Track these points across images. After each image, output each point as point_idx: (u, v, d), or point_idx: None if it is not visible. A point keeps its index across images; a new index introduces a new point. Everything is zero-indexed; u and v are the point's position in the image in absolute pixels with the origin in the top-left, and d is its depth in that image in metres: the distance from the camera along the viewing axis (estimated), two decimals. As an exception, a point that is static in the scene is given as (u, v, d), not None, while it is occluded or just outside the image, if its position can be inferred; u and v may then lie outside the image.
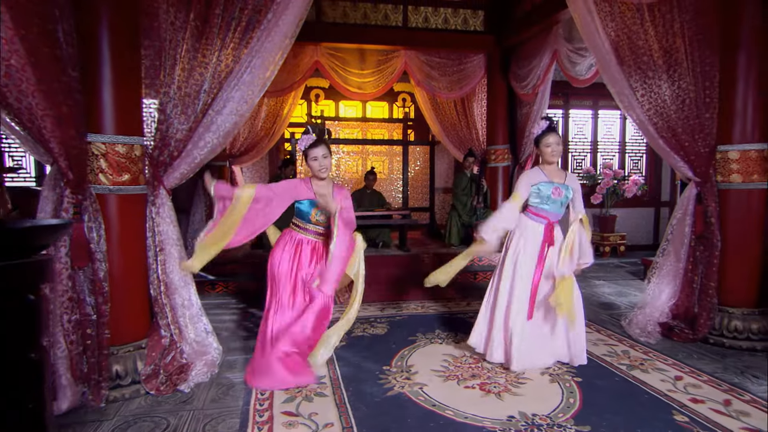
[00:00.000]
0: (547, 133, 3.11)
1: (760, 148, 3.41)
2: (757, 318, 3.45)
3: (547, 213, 3.10)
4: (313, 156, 2.85)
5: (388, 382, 2.89)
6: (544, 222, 3.10)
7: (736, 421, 2.41)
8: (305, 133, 2.89)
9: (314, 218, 2.94)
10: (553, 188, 3.08)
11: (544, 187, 3.08)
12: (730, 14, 3.43)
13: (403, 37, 6.76)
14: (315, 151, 2.84)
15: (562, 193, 3.10)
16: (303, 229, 2.98)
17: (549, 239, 3.07)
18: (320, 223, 2.97)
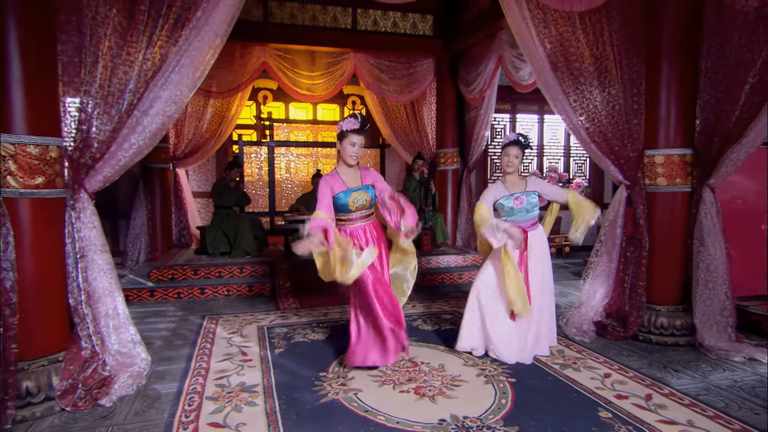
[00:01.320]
0: (512, 145, 3.26)
1: (682, 153, 3.58)
2: (681, 315, 3.62)
3: (517, 222, 3.24)
4: (352, 141, 2.99)
5: (322, 388, 2.84)
6: None
7: (654, 415, 2.50)
8: (352, 117, 3.02)
9: (354, 206, 3.05)
10: (514, 199, 3.24)
11: (505, 202, 3.24)
12: (654, 26, 3.59)
13: (352, 39, 6.75)
14: (355, 137, 2.99)
15: (524, 201, 3.26)
16: (350, 221, 3.08)
17: (524, 245, 3.19)
18: (362, 207, 3.08)
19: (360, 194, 3.04)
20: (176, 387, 2.84)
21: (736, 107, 3.32)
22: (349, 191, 3.02)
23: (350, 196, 3.03)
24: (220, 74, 6.52)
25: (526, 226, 3.26)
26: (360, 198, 3.05)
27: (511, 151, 3.25)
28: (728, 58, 3.36)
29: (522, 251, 3.20)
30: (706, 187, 3.53)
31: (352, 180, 3.07)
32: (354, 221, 3.10)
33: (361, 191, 3.05)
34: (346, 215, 3.09)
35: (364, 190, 3.07)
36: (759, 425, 2.39)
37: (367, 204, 3.10)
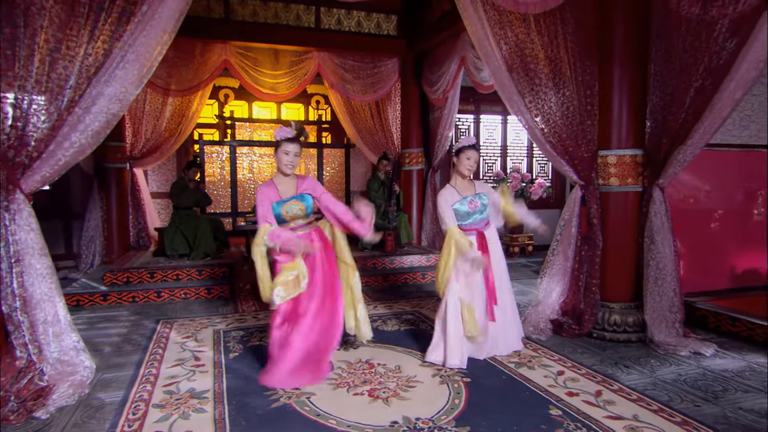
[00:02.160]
0: (471, 149, 3.27)
1: (633, 154, 3.66)
2: (633, 311, 3.71)
3: (473, 225, 3.27)
4: (286, 150, 2.92)
5: (275, 393, 2.78)
6: (474, 234, 3.26)
7: (602, 411, 2.54)
8: (286, 125, 2.97)
9: (287, 215, 2.96)
10: (468, 202, 3.25)
11: (461, 206, 3.24)
12: (606, 29, 3.66)
13: (315, 38, 6.69)
14: (290, 146, 2.92)
15: (478, 203, 3.27)
16: (291, 230, 2.97)
17: (483, 247, 3.22)
18: (297, 216, 3.00)
19: (293, 204, 2.96)
20: (122, 395, 2.73)
21: (682, 110, 3.42)
22: (282, 202, 2.95)
23: (282, 206, 2.95)
24: (180, 72, 6.36)
25: (481, 228, 3.28)
26: (294, 207, 2.97)
27: (472, 155, 3.25)
28: (674, 63, 3.46)
29: (484, 252, 3.21)
30: (655, 186, 3.62)
31: (287, 190, 2.99)
32: (294, 230, 3.00)
33: (294, 201, 2.97)
34: (284, 225, 2.99)
35: (297, 199, 2.98)
36: (698, 417, 2.46)
37: (302, 213, 3.01)
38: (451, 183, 3.36)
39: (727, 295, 4.44)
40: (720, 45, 3.21)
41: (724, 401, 2.66)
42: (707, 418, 2.47)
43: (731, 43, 3.14)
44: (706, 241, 4.81)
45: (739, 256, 4.84)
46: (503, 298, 3.34)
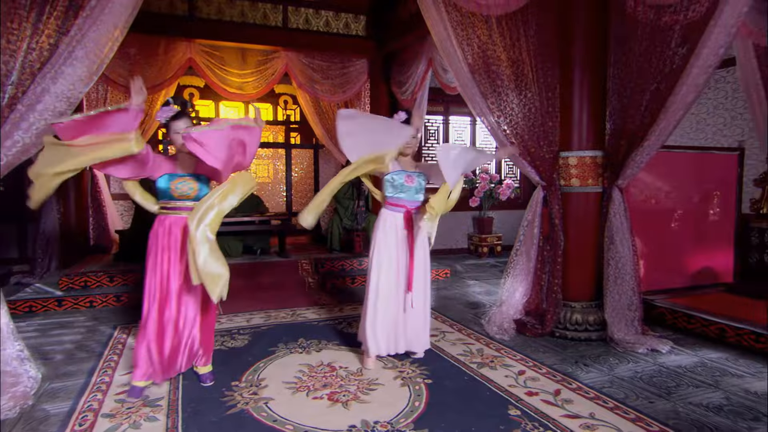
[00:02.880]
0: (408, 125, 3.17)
1: (593, 155, 3.72)
2: (594, 310, 3.77)
3: (404, 201, 3.19)
4: (176, 129, 2.70)
5: (232, 399, 2.71)
6: (402, 210, 3.19)
7: (560, 410, 2.56)
8: (165, 105, 2.71)
9: (176, 192, 2.76)
10: (406, 176, 3.17)
11: (398, 176, 3.15)
12: (566, 32, 3.72)
13: (283, 37, 6.61)
14: (178, 124, 2.70)
15: (415, 180, 3.20)
16: (173, 209, 2.78)
17: (409, 226, 3.15)
18: (186, 197, 2.77)
19: (186, 181, 2.76)
20: (69, 405, 2.61)
21: (638, 112, 3.50)
22: (174, 175, 2.74)
23: (172, 180, 2.73)
24: (143, 70, 6.18)
25: (412, 207, 3.20)
26: (184, 185, 2.75)
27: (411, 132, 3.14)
28: (631, 66, 3.53)
29: (409, 233, 3.14)
30: (615, 187, 3.69)
31: (184, 166, 2.79)
32: (176, 210, 2.78)
33: (187, 178, 2.76)
34: (168, 202, 2.78)
35: (192, 177, 2.78)
36: (651, 413, 2.51)
37: (191, 194, 2.77)
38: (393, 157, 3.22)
39: (685, 292, 4.56)
40: (673, 50, 3.29)
41: (676, 397, 2.72)
42: (659, 414, 2.52)
43: (683, 49, 3.22)
44: (666, 241, 4.93)
45: (697, 255, 4.98)
46: (419, 289, 3.19)
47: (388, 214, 3.20)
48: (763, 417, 2.49)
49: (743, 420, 2.46)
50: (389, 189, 3.18)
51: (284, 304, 4.73)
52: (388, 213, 3.21)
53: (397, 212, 3.19)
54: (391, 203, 3.20)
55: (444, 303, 4.90)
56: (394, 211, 3.19)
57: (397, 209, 3.19)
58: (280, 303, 4.77)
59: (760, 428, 2.39)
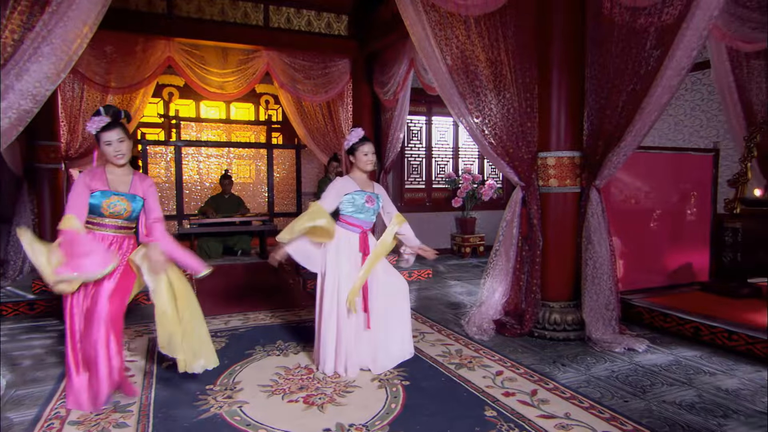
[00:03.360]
0: (364, 142, 3.14)
1: (571, 155, 3.74)
2: (572, 310, 3.79)
3: (361, 222, 3.13)
4: (107, 140, 2.56)
5: (206, 402, 2.66)
6: (358, 231, 3.12)
7: (536, 410, 2.56)
8: (95, 115, 2.58)
9: (107, 211, 2.63)
10: (367, 196, 3.13)
11: (359, 196, 3.10)
12: (545, 33, 3.73)
13: (264, 37, 6.55)
14: (109, 135, 2.56)
15: (375, 202, 3.17)
16: (99, 226, 2.66)
17: (364, 247, 3.10)
18: (118, 216, 2.65)
19: (119, 200, 2.62)
20: (35, 413, 2.54)
21: (615, 113, 3.52)
22: (107, 193, 2.60)
23: (106, 198, 2.60)
24: (120, 68, 6.10)
25: (368, 228, 3.15)
26: (118, 205, 2.62)
27: (367, 147, 3.10)
28: (608, 67, 3.56)
29: (366, 253, 3.08)
30: (592, 187, 3.71)
31: (118, 183, 2.63)
32: (104, 227, 2.65)
33: (122, 197, 2.63)
34: (97, 218, 2.64)
35: (128, 198, 2.65)
36: (625, 412, 2.52)
37: (125, 214, 2.66)
38: (349, 175, 3.19)
39: (663, 292, 4.61)
40: (648, 52, 3.32)
41: (650, 395, 2.74)
42: (634, 412, 2.53)
43: (657, 51, 3.25)
44: (645, 240, 4.99)
45: (675, 254, 5.04)
46: (384, 305, 3.12)
47: (343, 232, 3.10)
48: (733, 414, 2.52)
49: (714, 417, 2.49)
50: (348, 207, 3.11)
51: (264, 306, 4.68)
52: (342, 231, 3.10)
53: (352, 231, 3.11)
54: (347, 221, 3.12)
55: (425, 303, 4.89)
56: (348, 230, 3.11)
57: (353, 228, 3.11)
58: (259, 305, 4.72)
59: (729, 425, 2.41)
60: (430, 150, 8.02)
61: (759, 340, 3.26)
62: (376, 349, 3.09)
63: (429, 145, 8.01)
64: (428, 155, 8.02)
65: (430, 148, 8.02)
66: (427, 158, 8.00)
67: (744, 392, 2.78)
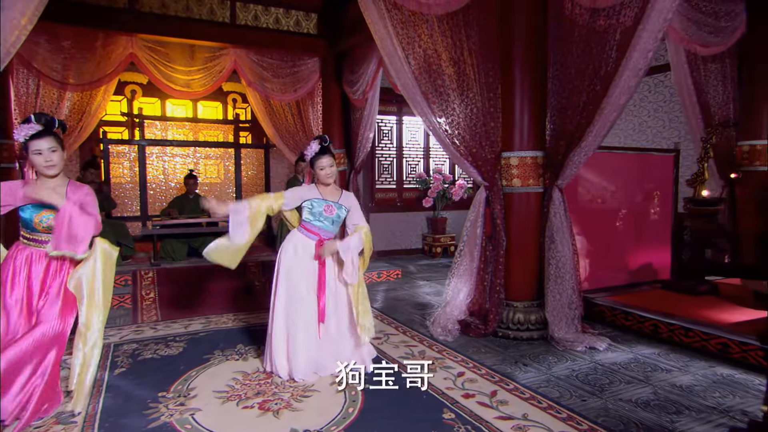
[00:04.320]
0: (321, 155, 3.05)
1: (534, 155, 3.76)
2: (535, 309, 3.80)
3: (319, 230, 3.08)
4: (37, 149, 2.40)
5: (156, 411, 2.57)
6: (315, 238, 3.07)
7: (494, 411, 2.55)
8: (25, 122, 2.42)
9: (40, 225, 2.48)
10: (326, 205, 3.08)
11: (317, 204, 3.06)
12: (507, 33, 3.74)
13: (231, 34, 6.41)
14: (39, 143, 2.40)
15: (335, 211, 3.11)
16: (33, 241, 2.52)
17: (319, 256, 3.04)
18: (51, 230, 2.45)
19: (51, 214, 2.45)
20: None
21: (576, 113, 3.55)
22: (40, 207, 2.44)
23: (37, 212, 2.45)
24: (79, 64, 5.89)
25: (326, 238, 3.09)
26: (50, 220, 2.45)
27: (324, 161, 3.03)
28: (569, 68, 3.59)
29: (320, 265, 3.03)
30: (555, 187, 3.73)
31: (50, 195, 2.41)
32: (40, 243, 2.50)
33: (54, 212, 2.43)
34: (30, 233, 2.50)
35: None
36: (582, 411, 2.53)
37: None
38: (316, 183, 3.13)
39: (625, 290, 4.68)
40: (607, 53, 3.35)
41: (608, 394, 2.77)
42: (590, 412, 2.55)
43: (616, 52, 3.28)
44: (611, 239, 5.06)
45: (638, 253, 5.13)
46: (338, 315, 3.10)
47: (300, 237, 3.07)
48: (685, 410, 2.56)
49: (667, 414, 2.52)
50: (306, 213, 3.09)
51: (227, 309, 4.58)
52: (299, 235, 3.08)
53: (309, 238, 3.07)
54: (305, 227, 3.09)
55: (392, 304, 4.86)
56: (306, 236, 3.07)
57: (310, 235, 3.07)
58: (222, 307, 4.62)
59: (681, 421, 2.45)
60: (400, 150, 8.00)
61: (713, 337, 3.32)
62: (332, 354, 3.03)
63: (400, 145, 7.99)
64: (399, 155, 8.00)
65: (400, 148, 8.00)
66: (398, 158, 7.98)
67: (697, 388, 2.83)
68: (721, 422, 2.43)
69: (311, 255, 3.03)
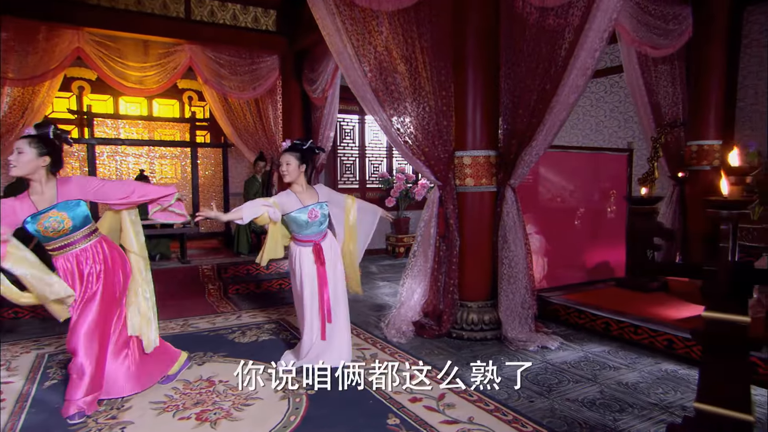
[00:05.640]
0: (283, 153, 3.09)
1: (486, 155, 3.74)
2: (489, 309, 3.78)
3: (311, 236, 3.12)
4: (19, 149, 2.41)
5: (84, 426, 2.42)
6: (310, 245, 3.11)
7: (440, 415, 2.50)
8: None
9: (48, 232, 2.47)
10: (309, 212, 3.06)
11: (300, 215, 3.05)
12: (460, 31, 3.71)
13: (185, 30, 6.21)
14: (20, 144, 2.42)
15: (319, 213, 3.11)
16: (58, 249, 2.55)
17: (320, 259, 3.09)
18: (61, 231, 2.48)
19: (52, 216, 2.42)
20: None
21: (527, 112, 3.55)
22: (36, 215, 2.41)
23: (37, 221, 2.41)
24: (20, 58, 5.58)
25: (318, 240, 3.13)
26: (53, 221, 2.42)
27: (283, 159, 3.06)
28: (521, 66, 3.58)
29: (320, 266, 3.07)
30: (508, 187, 3.72)
31: (42, 200, 2.43)
32: (66, 248, 2.54)
33: (53, 211, 2.42)
34: (49, 243, 2.53)
35: (60, 209, 2.44)
36: (528, 413, 2.51)
37: (67, 227, 2.48)
38: (291, 189, 3.12)
39: (581, 288, 4.72)
40: (556, 52, 3.36)
41: (555, 394, 2.76)
42: (536, 413, 2.52)
43: (564, 51, 3.29)
44: (570, 238, 5.11)
45: (595, 251, 5.20)
46: (338, 315, 3.17)
47: (296, 249, 3.15)
48: (628, 407, 2.57)
49: (611, 412, 2.52)
50: (294, 227, 3.12)
51: (177, 314, 4.41)
52: (296, 248, 3.15)
53: (304, 246, 3.12)
54: (297, 239, 3.14)
55: (350, 306, 4.70)
56: (301, 246, 3.12)
57: (304, 244, 3.12)
58: (172, 313, 4.44)
59: (624, 419, 2.45)
60: (363, 149, 7.93)
61: (660, 333, 3.37)
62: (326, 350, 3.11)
63: (362, 145, 7.92)
64: (362, 155, 7.92)
65: (363, 148, 7.93)
66: (360, 158, 7.91)
67: (642, 385, 2.85)
68: (662, 418, 2.45)
69: (311, 260, 3.08)
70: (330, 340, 3.10)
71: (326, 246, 3.15)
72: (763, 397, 2.65)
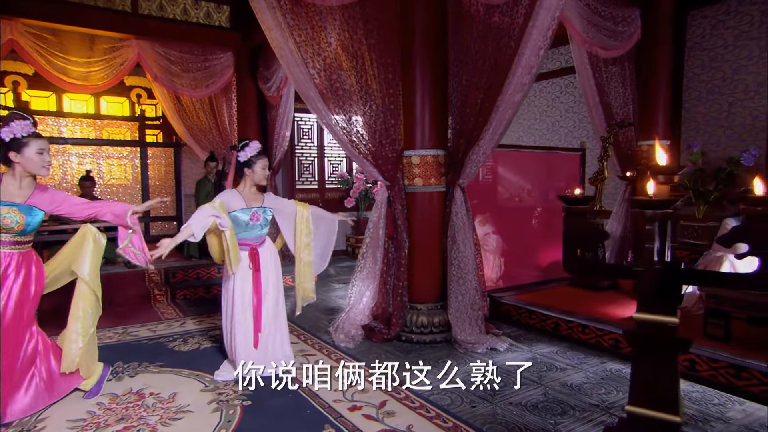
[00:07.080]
0: (262, 156, 3.05)
1: (435, 154, 3.67)
2: (439, 311, 3.72)
3: (249, 240, 3.06)
4: (39, 149, 2.44)
5: (-11, 449, 2.23)
6: (247, 249, 3.03)
7: (378, 424, 2.41)
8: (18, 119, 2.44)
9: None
10: (251, 213, 3.02)
11: (242, 215, 2.98)
12: (407, 29, 3.63)
13: (131, 24, 5.92)
14: (41, 143, 2.46)
15: (261, 217, 3.06)
16: None
17: (255, 265, 3.01)
18: (10, 230, 2.42)
19: (11, 213, 2.41)
20: None
21: (474, 111, 3.50)
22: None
23: None
24: (-59, 49, 5.24)
25: (256, 244, 3.07)
26: (9, 218, 2.40)
27: (266, 162, 3.06)
28: (468, 65, 3.54)
29: (255, 271, 3.01)
30: (457, 186, 3.67)
31: (14, 194, 2.45)
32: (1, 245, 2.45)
33: (14, 209, 2.41)
34: None
35: (22, 210, 2.44)
36: (470, 419, 2.44)
37: (17, 228, 2.44)
38: (238, 188, 3.07)
39: (533, 288, 4.72)
40: (502, 50, 3.33)
41: (499, 398, 2.70)
42: (478, 419, 2.46)
43: (509, 49, 3.26)
44: (526, 237, 5.12)
45: (550, 250, 5.23)
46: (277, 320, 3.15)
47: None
48: (570, 410, 2.54)
49: (552, 415, 2.48)
50: (234, 228, 2.98)
51: (117, 322, 4.20)
52: None
53: (242, 250, 3.03)
54: (237, 241, 3.01)
55: (302, 310, 4.62)
56: (240, 249, 3.02)
57: (242, 247, 3.03)
58: (112, 320, 4.22)
59: (564, 422, 2.42)
60: (322, 149, 7.79)
61: (606, 332, 3.37)
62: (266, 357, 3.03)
63: (321, 144, 7.78)
64: (320, 154, 7.78)
65: (322, 148, 7.79)
66: (319, 158, 7.77)
67: (586, 386, 2.83)
68: (602, 420, 2.42)
69: (245, 265, 3.02)
70: (265, 347, 3.00)
71: (264, 252, 3.07)
72: (700, 394, 2.67)
